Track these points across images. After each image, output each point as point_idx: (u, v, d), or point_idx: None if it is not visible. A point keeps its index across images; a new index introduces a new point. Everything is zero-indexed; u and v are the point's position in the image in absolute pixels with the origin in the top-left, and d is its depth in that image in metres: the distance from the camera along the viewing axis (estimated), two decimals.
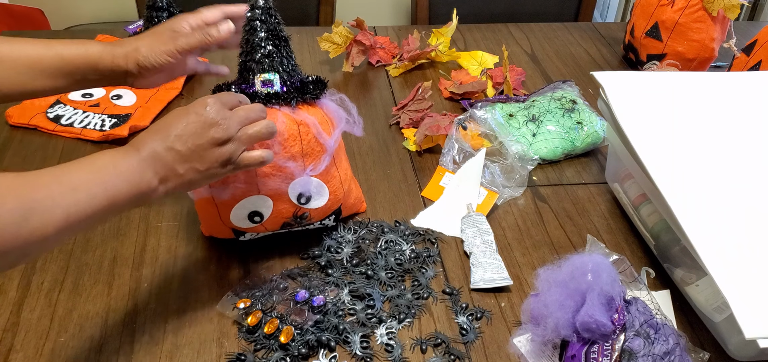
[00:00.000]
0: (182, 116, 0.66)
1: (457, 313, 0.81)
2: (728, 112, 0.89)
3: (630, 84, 0.94)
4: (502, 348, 0.77)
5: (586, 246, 0.87)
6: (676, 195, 0.76)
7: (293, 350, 0.73)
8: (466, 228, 0.92)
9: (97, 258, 0.86)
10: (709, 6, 1.25)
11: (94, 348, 0.74)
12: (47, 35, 1.42)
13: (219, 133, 0.66)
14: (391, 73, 1.34)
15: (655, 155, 0.81)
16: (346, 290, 0.82)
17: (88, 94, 1.18)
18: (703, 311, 0.79)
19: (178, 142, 0.64)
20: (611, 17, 2.80)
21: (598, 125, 1.11)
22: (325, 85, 0.83)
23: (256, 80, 0.78)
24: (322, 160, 0.80)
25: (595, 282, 0.69)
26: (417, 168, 1.07)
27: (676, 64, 1.29)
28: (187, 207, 0.94)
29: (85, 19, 2.36)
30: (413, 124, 1.15)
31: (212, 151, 0.66)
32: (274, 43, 0.78)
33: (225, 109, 0.68)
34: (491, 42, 1.49)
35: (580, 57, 1.45)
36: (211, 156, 0.66)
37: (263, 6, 0.77)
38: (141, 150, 0.64)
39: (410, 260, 0.87)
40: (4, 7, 2.07)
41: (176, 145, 0.64)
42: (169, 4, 1.33)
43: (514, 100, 1.18)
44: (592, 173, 1.08)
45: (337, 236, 0.89)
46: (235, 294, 0.80)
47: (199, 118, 0.66)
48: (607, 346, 0.67)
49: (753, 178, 0.79)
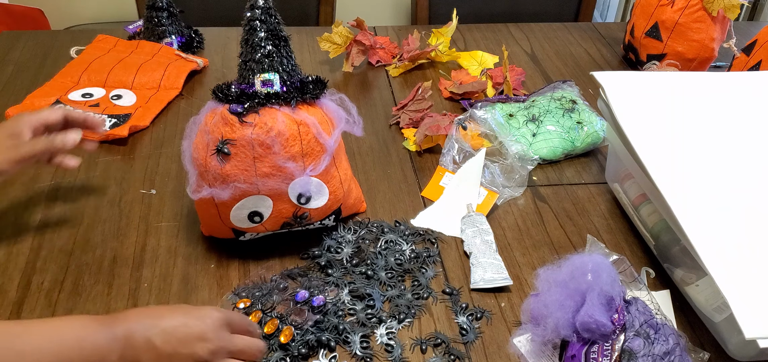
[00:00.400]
0: (181, 314, 0.62)
1: (457, 313, 0.81)
2: (728, 112, 0.89)
3: (630, 84, 0.94)
4: (502, 348, 0.77)
5: (586, 246, 0.87)
6: (676, 195, 0.76)
7: (293, 350, 0.73)
8: (466, 228, 0.92)
9: (97, 258, 0.86)
10: (709, 6, 1.25)
11: None
12: (46, 36, 1.42)
13: (203, 352, 0.61)
14: (391, 73, 1.34)
15: (655, 155, 0.81)
16: (346, 290, 0.82)
17: (88, 94, 1.18)
18: (703, 311, 0.79)
19: (160, 337, 0.60)
20: (611, 17, 2.80)
21: (598, 125, 1.11)
22: (325, 84, 0.83)
23: (256, 80, 0.78)
24: (322, 160, 0.80)
25: (595, 282, 0.69)
26: (417, 168, 1.07)
27: (676, 64, 1.29)
28: (187, 207, 0.94)
29: (85, 19, 2.36)
30: (413, 124, 1.15)
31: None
32: (274, 43, 0.78)
33: (225, 330, 0.64)
34: (491, 42, 1.49)
35: (580, 57, 1.45)
36: None
37: (263, 6, 0.77)
38: (116, 326, 0.60)
39: (410, 260, 0.87)
40: (4, 7, 2.07)
41: (156, 340, 0.60)
42: (169, 4, 1.33)
43: (514, 100, 1.18)
44: (592, 173, 1.08)
45: (337, 236, 0.89)
46: (235, 294, 0.80)
47: (195, 326, 0.61)
48: (607, 346, 0.67)
49: (753, 178, 0.79)
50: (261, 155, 0.76)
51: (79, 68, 1.24)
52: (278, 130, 0.76)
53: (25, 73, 1.26)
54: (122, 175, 1.01)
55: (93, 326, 0.60)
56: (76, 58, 1.29)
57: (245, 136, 0.76)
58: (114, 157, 1.05)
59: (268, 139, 0.76)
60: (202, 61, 1.31)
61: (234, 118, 0.77)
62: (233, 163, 0.76)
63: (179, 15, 1.36)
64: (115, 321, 0.60)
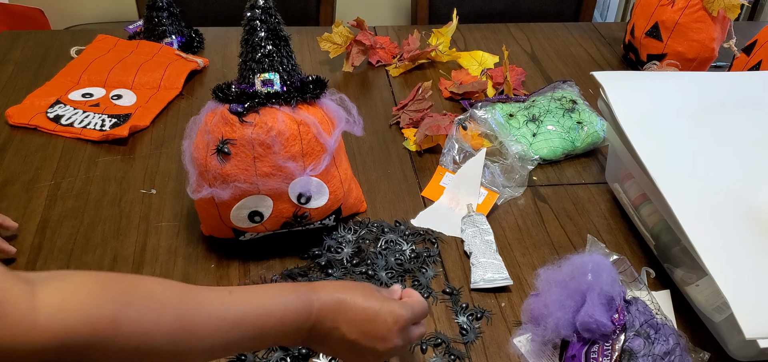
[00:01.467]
0: (375, 301, 0.61)
1: (457, 313, 0.81)
2: (728, 112, 0.89)
3: (630, 84, 0.94)
4: (502, 348, 0.77)
5: (586, 246, 0.87)
6: (676, 195, 0.76)
7: (293, 350, 0.73)
8: (466, 228, 0.92)
9: (98, 257, 0.86)
10: (710, 6, 1.25)
11: None
12: (46, 36, 1.42)
13: (383, 349, 0.61)
14: (391, 73, 1.34)
15: (655, 155, 0.81)
16: None
17: (88, 93, 1.18)
18: (703, 311, 0.79)
19: (347, 325, 0.60)
20: (611, 17, 2.80)
21: (598, 125, 1.11)
22: (325, 84, 0.83)
23: (256, 80, 0.78)
24: (322, 160, 0.80)
25: (596, 282, 0.69)
26: (417, 168, 1.07)
27: (676, 64, 1.29)
28: (187, 207, 0.94)
29: (85, 19, 2.36)
30: (413, 124, 1.15)
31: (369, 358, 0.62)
32: (274, 43, 0.78)
33: (408, 330, 0.63)
34: (491, 42, 1.48)
35: (580, 57, 1.45)
36: None
37: (263, 6, 0.77)
38: (313, 301, 0.58)
39: (410, 260, 0.87)
40: (4, 7, 2.07)
41: (343, 327, 0.60)
42: (169, 3, 1.33)
43: (514, 100, 1.18)
44: (592, 173, 1.08)
45: (337, 236, 0.89)
46: None
47: (382, 326, 0.60)
48: (607, 346, 0.67)
49: (753, 178, 0.79)
50: (261, 155, 0.76)
51: (79, 68, 1.24)
52: (278, 130, 0.76)
53: (25, 73, 1.26)
54: (122, 174, 1.01)
55: (292, 296, 0.58)
56: (76, 58, 1.29)
57: (245, 136, 0.76)
58: (114, 157, 1.05)
59: (269, 138, 0.76)
60: (202, 61, 1.31)
61: (234, 118, 0.77)
62: (233, 163, 0.76)
63: (179, 15, 1.36)
64: (312, 294, 0.59)
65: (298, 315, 0.57)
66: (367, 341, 0.60)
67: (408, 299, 0.65)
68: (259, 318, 0.56)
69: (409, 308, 0.63)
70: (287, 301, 0.57)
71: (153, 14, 1.33)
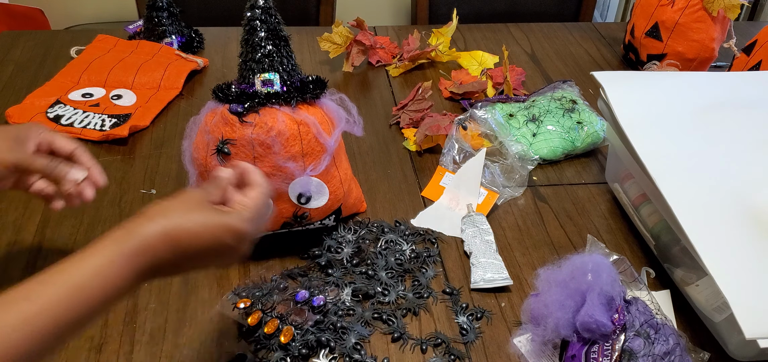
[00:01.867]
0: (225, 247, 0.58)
1: (457, 313, 0.81)
2: (728, 111, 0.89)
3: (630, 84, 0.94)
4: (502, 348, 0.77)
5: (586, 246, 0.87)
6: (676, 195, 0.76)
7: (293, 350, 0.73)
8: (466, 228, 0.92)
9: None
10: (710, 6, 1.25)
11: (94, 348, 0.74)
12: (46, 36, 1.42)
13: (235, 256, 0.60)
14: (391, 73, 1.34)
15: (655, 155, 0.81)
16: (347, 290, 0.82)
17: (88, 93, 1.18)
18: (703, 311, 0.79)
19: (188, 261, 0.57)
20: (611, 17, 2.80)
21: (598, 125, 1.11)
22: (325, 84, 0.83)
23: (256, 80, 0.78)
24: (322, 160, 0.80)
25: (595, 282, 0.69)
26: (417, 168, 1.07)
27: (676, 64, 1.29)
28: None
29: (84, 19, 2.36)
30: (413, 124, 1.15)
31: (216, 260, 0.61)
32: (274, 43, 0.78)
33: (258, 225, 0.62)
34: (491, 42, 1.48)
35: (580, 57, 1.45)
36: None
37: (263, 6, 0.77)
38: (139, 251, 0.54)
39: (410, 260, 0.87)
40: (4, 7, 2.07)
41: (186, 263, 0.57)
42: (169, 3, 1.33)
43: (514, 100, 1.18)
44: (592, 173, 1.08)
45: (337, 236, 0.89)
46: (236, 295, 0.80)
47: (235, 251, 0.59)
48: (607, 346, 0.67)
49: (753, 178, 0.79)
50: (261, 155, 0.76)
51: (79, 68, 1.24)
52: (278, 130, 0.76)
53: (25, 73, 1.26)
54: (122, 174, 1.01)
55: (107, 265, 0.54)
56: (76, 58, 1.29)
57: (245, 136, 0.76)
58: (114, 157, 1.05)
59: (268, 138, 0.76)
60: (202, 61, 1.31)
61: (234, 118, 0.77)
62: (233, 163, 0.76)
63: (179, 15, 1.36)
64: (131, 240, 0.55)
65: (123, 279, 0.53)
66: (211, 259, 0.59)
67: (241, 202, 0.61)
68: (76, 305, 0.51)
69: (242, 217, 0.59)
70: (105, 274, 0.53)
71: (153, 14, 1.33)
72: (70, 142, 0.76)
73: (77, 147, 0.76)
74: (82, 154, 0.76)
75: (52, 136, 0.75)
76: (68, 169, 0.73)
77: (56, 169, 0.72)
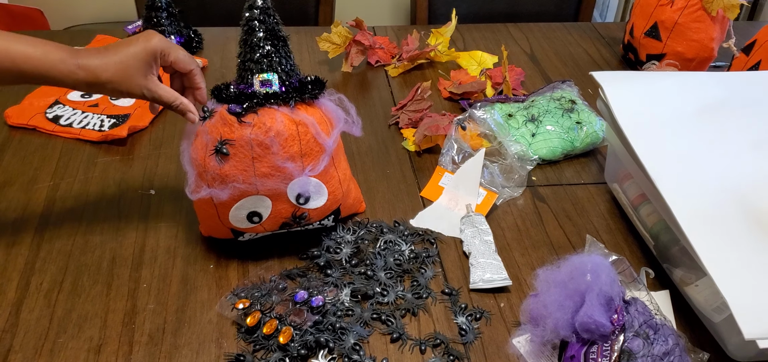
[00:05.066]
0: None
1: (456, 314, 0.80)
2: (728, 111, 0.89)
3: (629, 84, 0.94)
4: (501, 349, 0.77)
5: (585, 246, 0.87)
6: (674, 195, 0.76)
7: (292, 351, 0.73)
8: (465, 228, 0.92)
9: (96, 258, 0.86)
10: (709, 6, 1.25)
11: (93, 348, 0.74)
12: (47, 36, 1.42)
13: None
14: (391, 73, 1.34)
15: (654, 155, 0.81)
16: (346, 290, 0.82)
17: (88, 94, 1.18)
18: (703, 311, 0.79)
19: None
20: (611, 17, 2.81)
21: (598, 125, 1.11)
22: (323, 84, 0.83)
23: (255, 80, 0.78)
24: (321, 160, 0.80)
25: (595, 283, 0.69)
26: (416, 168, 1.07)
27: (675, 64, 1.29)
28: (185, 208, 0.94)
29: (84, 19, 2.36)
30: (412, 124, 1.15)
31: None
32: (273, 43, 0.78)
33: None
34: (490, 42, 1.48)
35: (580, 57, 1.45)
36: None
37: (262, 6, 0.77)
38: None
39: (409, 260, 0.87)
40: (4, 7, 2.07)
41: None
42: (168, 4, 1.33)
43: (514, 100, 1.18)
44: (592, 173, 1.08)
45: (336, 236, 0.89)
46: (234, 295, 0.80)
47: None
48: (606, 347, 0.67)
49: (752, 178, 0.79)
50: (260, 155, 0.76)
51: None
52: (277, 130, 0.76)
53: None
54: (121, 175, 1.01)
55: None
56: None
57: (244, 136, 0.76)
58: (113, 158, 1.05)
59: (267, 139, 0.76)
60: (201, 61, 1.31)
61: (232, 118, 0.77)
62: (232, 163, 0.76)
63: (178, 15, 1.36)
64: None
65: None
66: None
67: None
68: None
69: None
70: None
71: (152, 14, 1.32)
72: (189, 61, 0.82)
73: (195, 67, 0.83)
74: (197, 74, 0.83)
75: (174, 54, 0.80)
76: (189, 106, 0.81)
77: (182, 106, 0.80)
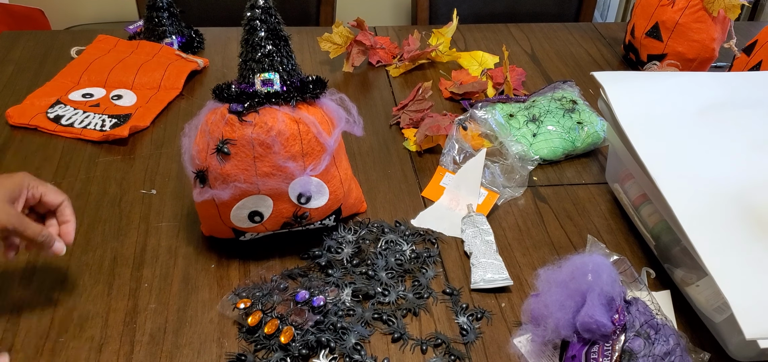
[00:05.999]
0: None
1: (457, 313, 0.81)
2: (729, 112, 0.89)
3: (630, 84, 0.94)
4: (502, 349, 0.77)
5: (586, 246, 0.87)
6: (676, 195, 0.76)
7: (293, 350, 0.73)
8: (466, 228, 0.92)
9: (98, 258, 0.86)
10: (710, 6, 1.25)
11: (94, 348, 0.74)
12: (46, 36, 1.42)
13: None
14: (392, 73, 1.34)
15: (655, 155, 0.81)
16: (347, 290, 0.82)
17: (89, 94, 1.18)
18: (704, 311, 0.79)
19: None
20: (611, 17, 2.80)
21: (599, 125, 1.11)
22: (325, 84, 0.83)
23: (256, 79, 0.78)
24: (322, 160, 0.80)
25: (596, 283, 0.69)
26: (417, 168, 1.07)
27: (676, 64, 1.29)
28: (187, 208, 0.94)
29: (85, 19, 2.36)
30: (413, 124, 1.15)
31: None
32: (274, 43, 0.78)
33: None
34: (491, 42, 1.48)
35: (581, 57, 1.45)
36: None
37: (263, 6, 0.77)
38: None
39: (410, 260, 0.87)
40: (4, 7, 2.07)
41: None
42: (170, 4, 1.33)
43: (515, 100, 1.18)
44: (593, 173, 1.08)
45: (337, 236, 0.89)
46: (236, 295, 0.80)
47: None
48: (607, 347, 0.67)
49: (753, 178, 0.79)
50: (261, 155, 0.76)
51: (79, 68, 1.24)
52: (278, 130, 0.76)
53: (25, 73, 1.26)
54: (122, 175, 1.01)
55: None
56: (77, 58, 1.29)
57: (245, 136, 0.76)
58: (114, 157, 1.05)
59: (268, 138, 0.76)
60: (203, 61, 1.31)
61: (234, 118, 0.77)
62: (233, 163, 0.76)
63: (179, 15, 1.36)
64: None
65: None
66: None
67: None
68: None
69: None
70: None
71: (153, 14, 1.33)
72: (58, 194, 0.76)
73: (64, 200, 0.77)
74: (67, 207, 0.77)
75: (42, 188, 0.75)
76: (54, 244, 0.74)
77: (46, 241, 0.73)
